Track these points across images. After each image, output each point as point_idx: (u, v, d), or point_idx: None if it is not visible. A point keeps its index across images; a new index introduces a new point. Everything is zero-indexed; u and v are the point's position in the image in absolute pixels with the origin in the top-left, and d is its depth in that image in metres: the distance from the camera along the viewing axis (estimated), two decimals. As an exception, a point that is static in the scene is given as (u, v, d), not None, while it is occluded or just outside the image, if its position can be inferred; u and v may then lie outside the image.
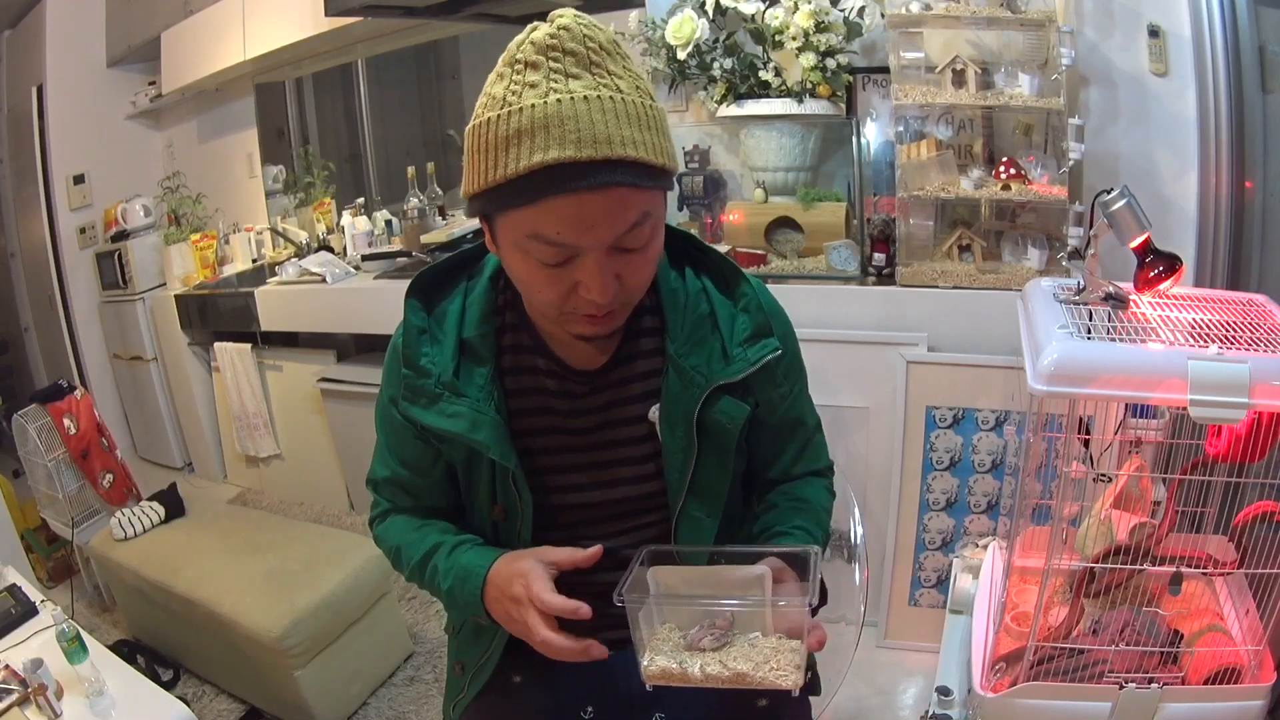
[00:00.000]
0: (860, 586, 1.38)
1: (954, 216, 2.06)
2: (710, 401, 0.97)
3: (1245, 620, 1.25)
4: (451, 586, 0.98)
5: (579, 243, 0.82)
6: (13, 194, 3.93)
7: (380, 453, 1.09)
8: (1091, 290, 1.24)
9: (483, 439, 0.96)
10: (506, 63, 0.82)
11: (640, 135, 0.80)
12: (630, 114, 0.80)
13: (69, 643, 1.48)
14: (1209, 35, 1.76)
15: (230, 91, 3.74)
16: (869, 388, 2.06)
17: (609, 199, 0.80)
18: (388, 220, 3.33)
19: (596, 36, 0.81)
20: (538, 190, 0.78)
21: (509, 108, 0.79)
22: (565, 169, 0.77)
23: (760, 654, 0.84)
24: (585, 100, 0.78)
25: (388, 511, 1.11)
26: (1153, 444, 1.35)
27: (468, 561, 0.97)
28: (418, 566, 1.03)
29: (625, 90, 0.80)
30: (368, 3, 2.55)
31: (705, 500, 1.01)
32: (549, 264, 0.84)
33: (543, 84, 0.78)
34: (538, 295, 0.88)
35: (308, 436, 3.25)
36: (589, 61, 0.80)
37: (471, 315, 0.99)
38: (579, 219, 0.80)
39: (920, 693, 1.97)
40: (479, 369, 0.98)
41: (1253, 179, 1.83)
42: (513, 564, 0.93)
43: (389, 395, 1.04)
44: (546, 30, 0.81)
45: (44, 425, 2.57)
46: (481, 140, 0.81)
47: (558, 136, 0.77)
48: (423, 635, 2.39)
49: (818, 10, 1.99)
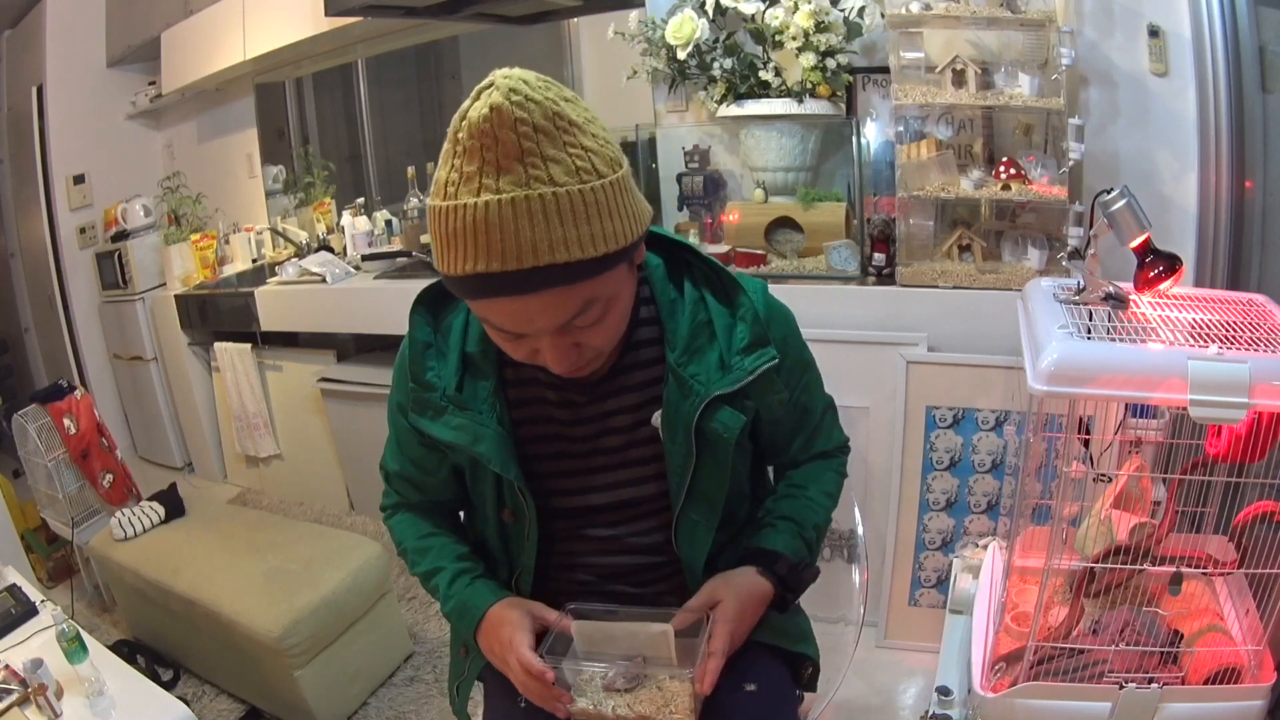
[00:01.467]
0: (860, 586, 1.38)
1: (954, 216, 2.06)
2: (709, 411, 0.99)
3: (1245, 620, 1.25)
4: (451, 611, 1.09)
5: (526, 332, 0.86)
6: (13, 194, 3.93)
7: (391, 446, 1.15)
8: (1091, 290, 1.24)
9: (484, 451, 1.00)
10: (451, 138, 0.81)
11: (574, 231, 0.79)
12: (562, 210, 0.78)
13: (69, 643, 1.48)
14: (1209, 35, 1.76)
15: (230, 91, 3.74)
16: (869, 388, 2.06)
17: (544, 300, 0.82)
18: (388, 220, 3.33)
19: (530, 116, 0.77)
20: (476, 291, 0.82)
21: (449, 202, 0.80)
22: (495, 278, 0.79)
23: (664, 696, 0.98)
24: (512, 204, 0.77)
25: (398, 505, 1.19)
26: (1153, 444, 1.35)
27: (469, 598, 1.06)
28: (422, 576, 1.13)
29: (559, 180, 0.78)
30: (368, 3, 2.55)
31: (703, 504, 1.04)
32: (505, 337, 0.89)
33: (476, 179, 0.78)
34: (507, 352, 0.93)
35: (308, 436, 3.25)
36: (519, 150, 0.77)
37: (475, 330, 1.02)
38: (519, 317, 0.84)
39: (920, 693, 1.97)
40: (482, 383, 1.01)
41: (1253, 179, 1.82)
42: (506, 611, 1.03)
43: (397, 401, 1.09)
44: (481, 110, 0.78)
45: (44, 425, 2.57)
46: (434, 224, 0.82)
47: (484, 247, 0.78)
48: (423, 635, 2.39)
49: (818, 10, 1.99)
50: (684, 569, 1.08)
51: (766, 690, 1.06)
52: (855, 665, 1.88)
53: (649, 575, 1.10)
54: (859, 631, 1.37)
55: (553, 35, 2.98)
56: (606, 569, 1.10)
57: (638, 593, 1.10)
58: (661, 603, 1.09)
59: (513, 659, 0.98)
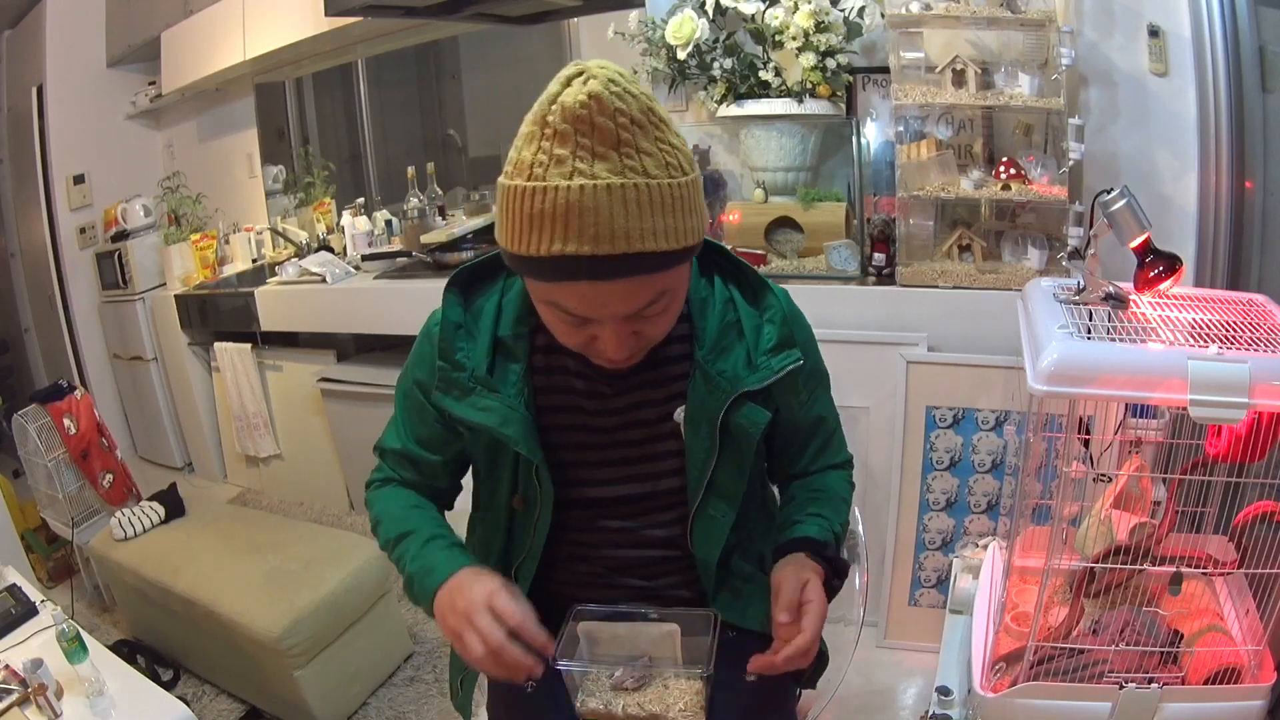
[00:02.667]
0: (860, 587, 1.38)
1: (954, 216, 2.05)
2: (734, 407, 1.01)
3: (1245, 620, 1.25)
4: (413, 574, 1.02)
5: (596, 318, 0.88)
6: (13, 194, 3.92)
7: (395, 425, 1.13)
8: (1091, 290, 1.24)
9: (511, 434, 1.00)
10: (536, 120, 0.82)
11: (662, 223, 0.81)
12: (654, 201, 0.81)
13: (69, 643, 1.48)
14: (1209, 35, 1.76)
15: (230, 91, 3.74)
16: (869, 388, 2.06)
17: (625, 286, 0.84)
18: (388, 220, 3.33)
19: (629, 108, 0.80)
20: (557, 274, 0.83)
21: (535, 183, 0.80)
22: (584, 261, 0.80)
23: (671, 695, 0.99)
24: (608, 190, 0.79)
25: (389, 479, 1.15)
26: (1153, 444, 1.35)
27: (439, 560, 1.01)
28: (392, 541, 1.08)
29: (652, 172, 0.81)
30: (368, 3, 2.55)
31: (722, 499, 1.05)
32: (568, 322, 0.89)
33: (569, 161, 0.79)
34: (559, 338, 0.95)
35: (308, 436, 3.25)
36: (617, 139, 0.79)
37: (508, 314, 1.03)
38: (595, 301, 0.85)
39: (920, 693, 1.97)
40: (512, 366, 1.02)
41: (1253, 179, 1.82)
42: (480, 576, 0.96)
43: (415, 377, 1.08)
44: (578, 95, 0.79)
45: (44, 425, 2.57)
46: (510, 204, 0.83)
47: (577, 229, 0.79)
48: (423, 635, 2.39)
49: (818, 10, 1.99)
50: (697, 565, 1.09)
51: (766, 682, 1.06)
52: (855, 665, 1.88)
53: (660, 569, 1.11)
54: (859, 631, 1.37)
55: (553, 35, 2.98)
56: (617, 561, 1.10)
57: (647, 585, 1.11)
58: (671, 596, 1.10)
59: (483, 613, 0.90)
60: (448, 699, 1.24)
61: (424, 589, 1.00)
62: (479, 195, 3.15)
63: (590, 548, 1.10)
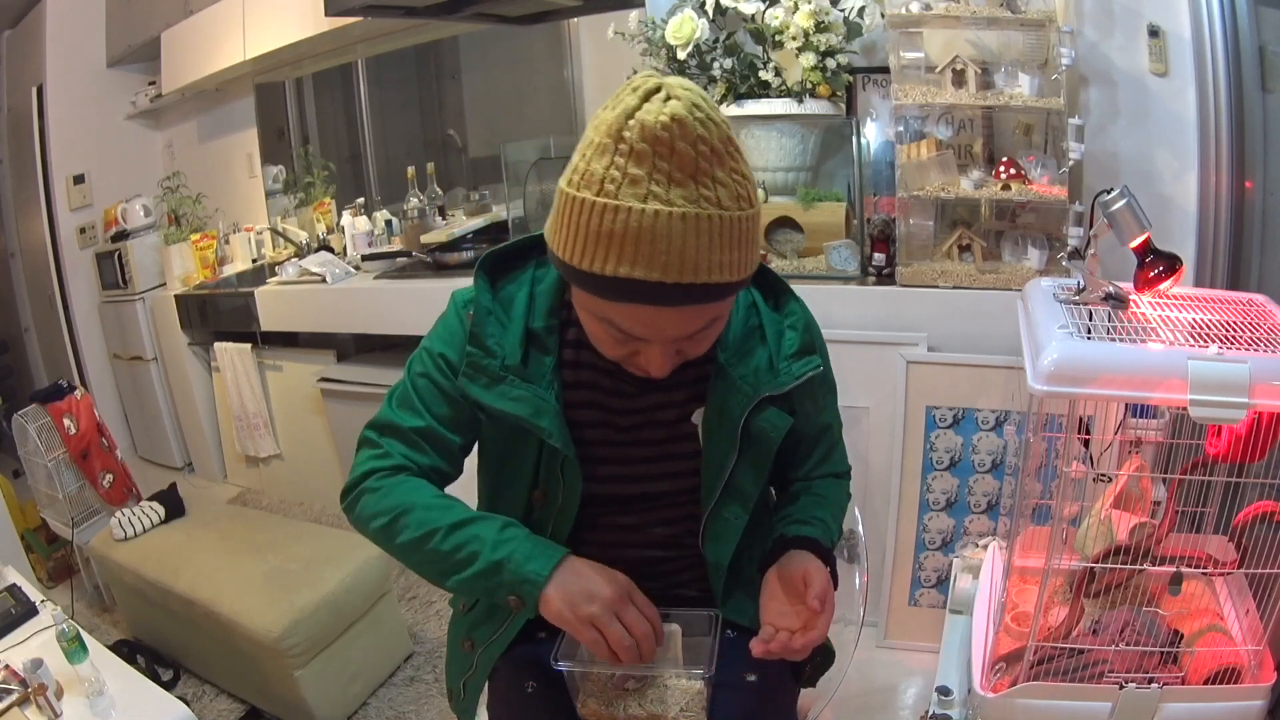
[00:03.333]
0: (860, 587, 1.38)
1: (954, 216, 2.05)
2: (756, 410, 1.01)
3: (1245, 620, 1.25)
4: (500, 560, 0.94)
5: (650, 338, 0.88)
6: (13, 194, 3.93)
7: (408, 401, 1.05)
8: (1091, 290, 1.24)
9: (546, 426, 0.99)
10: (610, 133, 0.79)
11: (729, 256, 0.81)
12: (725, 233, 0.80)
13: (69, 643, 1.48)
14: (1209, 35, 1.76)
15: (230, 91, 3.74)
16: (869, 388, 2.06)
17: (684, 314, 0.85)
18: (388, 220, 3.33)
19: (710, 137, 0.79)
20: (617, 294, 0.82)
21: (606, 199, 0.79)
22: (648, 286, 0.80)
23: (672, 696, 0.99)
24: (683, 219, 0.78)
25: (401, 467, 1.03)
26: (1153, 444, 1.35)
27: (535, 544, 0.96)
28: (442, 530, 0.97)
29: (725, 203, 0.80)
30: (368, 3, 2.55)
31: (737, 501, 1.06)
32: (616, 337, 0.89)
33: (644, 183, 0.78)
34: (601, 348, 0.95)
35: (308, 436, 3.25)
36: (695, 167, 0.78)
37: (540, 306, 1.02)
38: (651, 324, 0.86)
39: (920, 693, 1.97)
40: (545, 358, 1.01)
41: (1253, 179, 1.82)
42: (601, 567, 0.96)
43: (443, 356, 1.03)
44: (659, 116, 0.77)
45: (44, 425, 2.57)
46: (575, 216, 0.81)
47: (647, 255, 0.78)
48: (423, 635, 2.39)
49: (818, 10, 1.99)
50: (708, 567, 1.10)
51: (766, 681, 1.06)
52: (855, 665, 1.88)
53: (668, 569, 1.11)
54: (859, 631, 1.37)
55: (553, 35, 2.98)
56: (626, 560, 1.09)
57: (654, 586, 1.10)
58: (677, 597, 1.10)
59: (630, 605, 0.92)
60: (447, 700, 1.23)
61: (525, 575, 0.93)
62: (479, 195, 3.15)
63: (600, 547, 1.09)
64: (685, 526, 1.09)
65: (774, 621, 0.98)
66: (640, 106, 0.79)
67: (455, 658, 1.19)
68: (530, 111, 3.20)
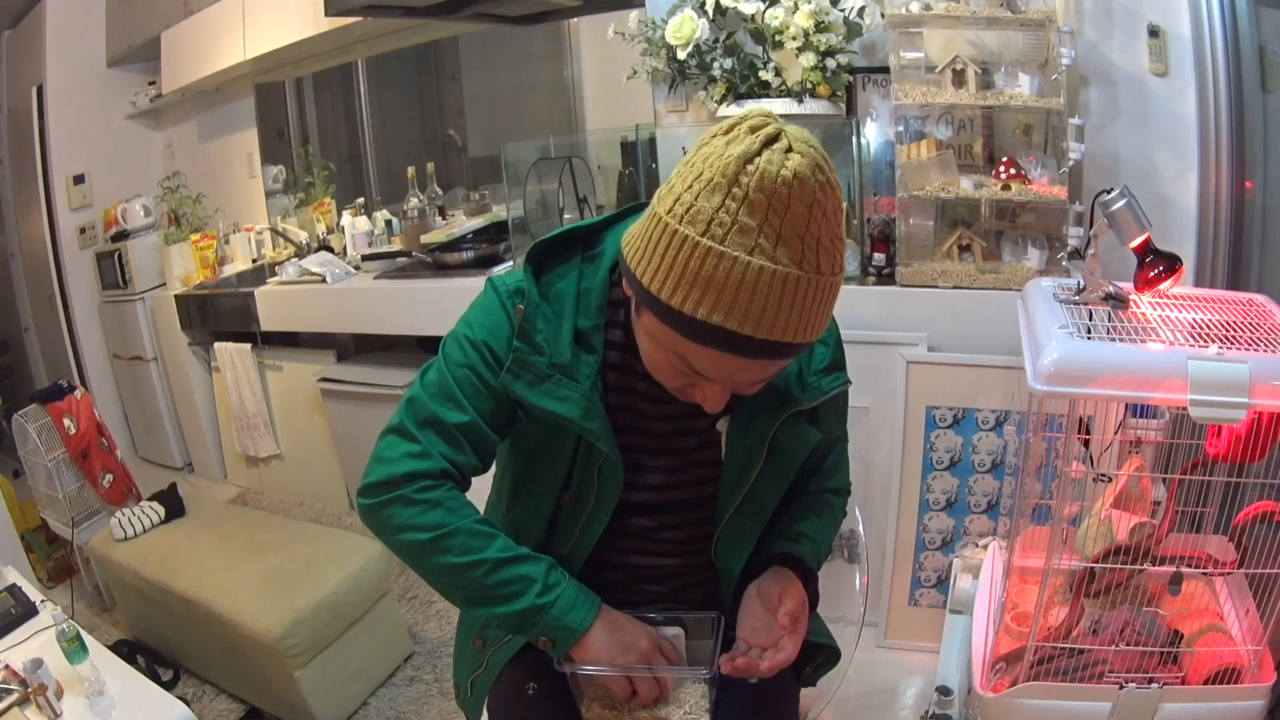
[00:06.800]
0: (860, 587, 1.38)
1: (954, 216, 2.05)
2: (786, 424, 1.01)
3: (1245, 620, 1.25)
4: (556, 599, 0.97)
5: (719, 380, 0.87)
6: (13, 194, 3.93)
7: (449, 393, 0.98)
8: (1091, 290, 1.24)
9: (595, 428, 0.96)
10: (724, 173, 0.77)
11: (814, 319, 0.82)
12: (817, 298, 0.80)
13: (69, 643, 1.48)
14: (1209, 35, 1.76)
15: (230, 91, 3.74)
16: (869, 388, 2.06)
17: (759, 365, 0.85)
18: (388, 220, 3.33)
19: (826, 201, 0.78)
20: (699, 336, 0.81)
21: (712, 242, 0.77)
22: (734, 336, 0.79)
23: (677, 698, 0.99)
24: (784, 280, 0.77)
25: (444, 473, 0.97)
26: (1153, 444, 1.35)
27: (575, 592, 1.00)
28: (488, 565, 0.96)
29: (824, 269, 0.79)
30: (368, 3, 2.55)
31: (754, 512, 1.06)
32: (682, 371, 0.88)
33: (753, 235, 0.77)
34: (660, 376, 0.93)
35: (308, 436, 3.25)
36: (805, 229, 0.77)
37: (588, 304, 0.98)
38: (724, 369, 0.84)
39: (920, 693, 1.97)
40: (589, 358, 0.98)
41: (1253, 179, 1.83)
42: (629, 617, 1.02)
43: (489, 347, 0.98)
44: (781, 170, 0.76)
45: (44, 425, 2.57)
46: (673, 251, 0.79)
47: (743, 308, 0.78)
48: (423, 635, 2.39)
49: (818, 10, 1.99)
50: (720, 574, 1.09)
51: (768, 682, 1.06)
52: (855, 665, 1.88)
53: (677, 573, 1.11)
54: (859, 631, 1.37)
55: (553, 35, 2.98)
56: (636, 565, 1.10)
57: (662, 590, 1.11)
58: (687, 601, 1.10)
59: (659, 656, 1.00)
60: (448, 699, 1.23)
61: (566, 623, 0.97)
62: (479, 195, 3.16)
63: (613, 551, 1.08)
64: (699, 533, 1.08)
65: (747, 638, 0.99)
66: (760, 153, 0.77)
67: (464, 654, 1.18)
68: (530, 111, 3.20)
